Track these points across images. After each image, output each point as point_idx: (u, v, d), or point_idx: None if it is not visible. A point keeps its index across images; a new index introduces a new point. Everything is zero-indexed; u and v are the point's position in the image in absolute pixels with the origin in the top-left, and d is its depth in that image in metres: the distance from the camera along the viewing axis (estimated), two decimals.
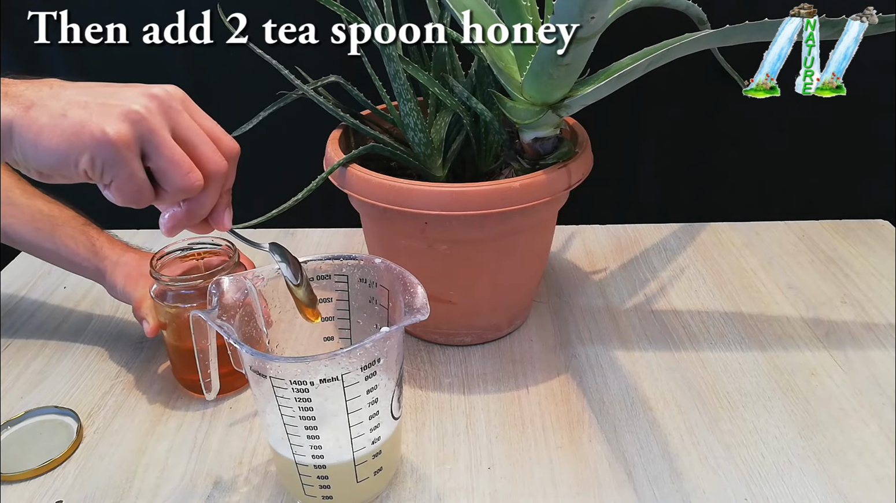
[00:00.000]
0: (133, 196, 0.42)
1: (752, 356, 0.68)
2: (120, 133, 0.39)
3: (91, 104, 0.40)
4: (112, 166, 0.40)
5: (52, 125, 0.39)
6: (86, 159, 0.40)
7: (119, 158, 0.40)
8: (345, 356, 0.45)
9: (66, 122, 0.39)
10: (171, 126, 0.42)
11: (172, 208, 0.45)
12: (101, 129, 0.39)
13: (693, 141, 0.92)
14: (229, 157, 0.45)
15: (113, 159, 0.40)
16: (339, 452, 0.49)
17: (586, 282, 0.80)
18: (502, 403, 0.63)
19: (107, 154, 0.39)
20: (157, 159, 0.41)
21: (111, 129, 0.39)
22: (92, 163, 0.40)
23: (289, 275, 0.50)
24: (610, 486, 0.54)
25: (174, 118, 0.42)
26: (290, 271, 0.50)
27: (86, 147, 0.39)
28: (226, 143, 0.45)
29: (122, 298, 0.66)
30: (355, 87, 0.70)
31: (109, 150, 0.39)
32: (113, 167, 0.40)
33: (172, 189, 0.42)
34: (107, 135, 0.39)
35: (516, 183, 0.58)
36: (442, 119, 0.68)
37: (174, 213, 0.45)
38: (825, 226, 0.90)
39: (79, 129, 0.39)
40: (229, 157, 0.45)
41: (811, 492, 0.53)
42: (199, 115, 0.44)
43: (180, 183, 0.42)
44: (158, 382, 0.66)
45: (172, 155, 0.41)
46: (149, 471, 0.57)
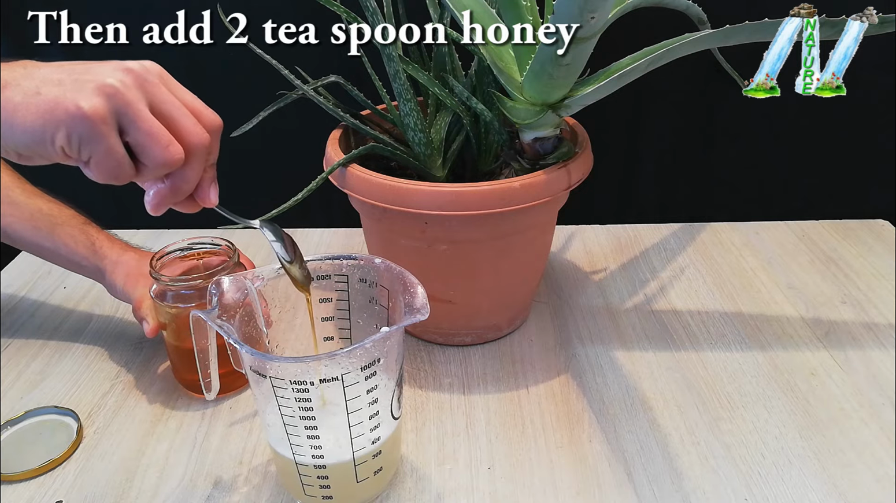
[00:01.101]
0: (113, 172, 0.41)
1: (752, 356, 0.68)
2: (94, 107, 0.39)
3: (65, 81, 0.39)
4: (89, 141, 0.39)
5: (26, 103, 0.39)
6: (62, 135, 0.39)
7: (95, 133, 0.39)
8: (345, 356, 0.45)
9: (39, 99, 0.39)
10: (148, 99, 0.41)
11: (156, 185, 0.44)
12: (76, 103, 0.39)
13: (693, 141, 0.92)
14: (211, 129, 0.44)
15: (89, 134, 0.39)
16: (339, 452, 0.49)
17: (586, 282, 0.80)
18: (502, 403, 0.63)
19: (82, 129, 0.39)
20: (134, 133, 0.40)
21: (85, 104, 0.39)
22: (68, 139, 0.39)
23: (282, 253, 0.49)
24: (610, 486, 0.54)
25: (151, 91, 0.41)
26: (283, 248, 0.49)
27: (61, 123, 0.39)
28: (207, 116, 0.44)
29: (122, 298, 0.66)
30: (355, 87, 0.70)
31: (85, 125, 0.39)
32: (90, 142, 0.39)
33: (152, 163, 0.41)
34: (81, 109, 0.39)
35: (516, 183, 0.58)
36: (442, 119, 0.68)
37: (158, 190, 0.44)
38: (825, 226, 0.90)
39: (53, 105, 0.39)
40: (211, 130, 0.44)
41: (811, 492, 0.53)
42: (177, 90, 0.43)
43: (160, 156, 0.41)
44: (158, 382, 0.66)
45: (150, 128, 0.41)
46: (149, 471, 0.57)
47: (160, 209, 0.45)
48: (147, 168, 0.42)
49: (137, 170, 0.42)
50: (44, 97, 0.39)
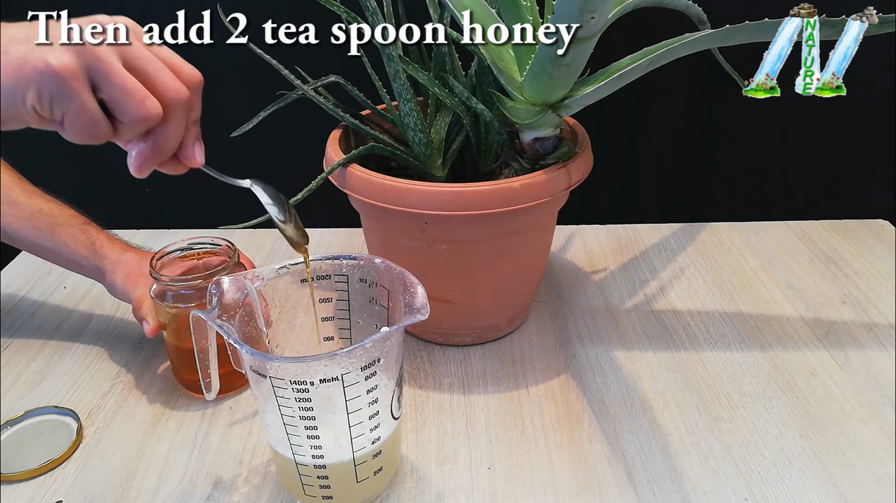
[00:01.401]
0: (88, 130, 0.40)
1: (752, 356, 0.68)
2: (63, 62, 0.38)
3: (33, 38, 0.38)
4: (60, 98, 0.38)
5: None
6: (32, 94, 0.38)
7: (66, 89, 0.38)
8: (345, 356, 0.45)
9: (7, 58, 0.38)
10: (121, 54, 0.39)
11: (138, 145, 0.43)
12: (44, 60, 0.37)
13: (693, 141, 0.92)
14: (191, 85, 0.43)
15: (59, 91, 0.38)
16: (339, 452, 0.49)
17: (586, 282, 0.80)
18: (502, 403, 0.63)
19: (52, 86, 0.38)
20: (107, 88, 0.39)
21: (54, 60, 0.37)
22: (39, 97, 0.38)
23: (275, 213, 0.48)
24: (610, 486, 0.54)
25: (123, 46, 0.40)
26: (276, 209, 0.48)
27: (30, 81, 0.38)
28: (186, 71, 0.43)
29: (122, 297, 0.66)
30: (355, 87, 0.70)
31: (54, 82, 0.38)
32: (61, 100, 0.38)
33: (128, 119, 0.40)
34: (50, 65, 0.37)
35: (516, 183, 0.58)
36: (442, 119, 0.68)
37: (140, 150, 0.42)
38: (825, 226, 0.90)
39: (21, 63, 0.38)
40: (191, 86, 0.42)
41: (811, 492, 0.53)
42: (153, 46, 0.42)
43: (135, 112, 0.40)
44: (158, 382, 0.66)
45: (124, 82, 0.39)
46: (149, 471, 0.57)
47: (143, 170, 0.43)
48: (124, 125, 0.41)
49: (115, 128, 0.41)
50: (12, 55, 0.38)
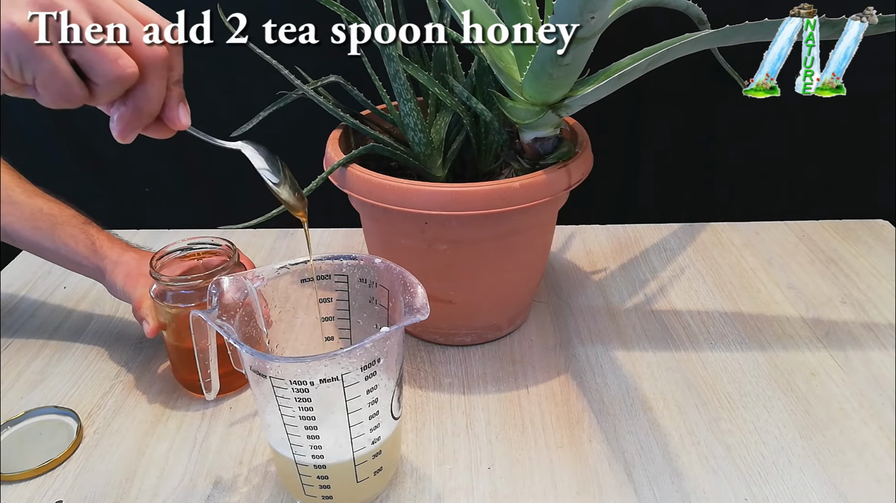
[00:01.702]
0: (61, 93, 0.38)
1: (752, 356, 0.68)
2: (29, 22, 0.36)
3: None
4: (29, 60, 0.37)
5: None
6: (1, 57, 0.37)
7: (34, 50, 0.37)
8: (345, 356, 0.45)
9: None
10: (92, 11, 0.38)
11: (119, 108, 0.41)
12: (9, 20, 0.36)
13: (693, 141, 0.92)
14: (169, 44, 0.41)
15: (27, 52, 0.37)
16: (339, 452, 0.49)
17: (586, 282, 0.80)
18: (502, 403, 0.63)
19: (20, 48, 0.36)
20: (78, 48, 0.37)
21: (18, 18, 0.36)
22: (7, 60, 0.37)
23: (268, 177, 0.46)
24: (610, 486, 0.54)
25: (93, 2, 0.38)
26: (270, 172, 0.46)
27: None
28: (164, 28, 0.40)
29: (122, 297, 0.66)
30: (355, 87, 0.70)
31: (21, 42, 0.36)
32: (30, 61, 0.37)
33: (103, 80, 0.38)
34: (14, 25, 0.36)
35: (516, 183, 0.58)
36: (442, 119, 0.68)
37: (121, 113, 0.41)
38: (825, 226, 0.90)
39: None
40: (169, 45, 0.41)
41: (811, 492, 0.53)
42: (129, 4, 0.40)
43: (109, 71, 0.38)
44: (158, 382, 0.66)
45: None
46: (149, 471, 0.57)
47: (126, 134, 0.42)
48: (99, 87, 0.39)
49: (91, 91, 0.39)
50: None
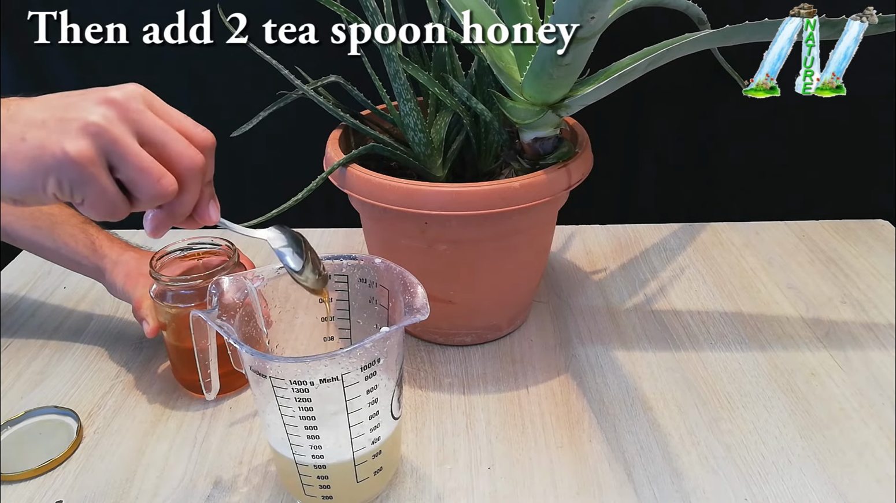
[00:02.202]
0: (107, 210, 0.40)
1: (752, 356, 0.68)
2: (81, 150, 0.38)
3: (49, 121, 0.38)
4: (79, 185, 0.39)
5: (13, 152, 0.38)
6: (52, 182, 0.38)
7: (85, 176, 0.38)
8: (345, 356, 0.45)
9: (25, 146, 0.38)
10: (135, 130, 0.40)
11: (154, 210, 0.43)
12: (62, 148, 0.38)
13: (693, 141, 0.92)
14: (204, 149, 0.42)
15: (79, 178, 0.38)
16: (339, 452, 0.49)
17: (586, 282, 0.80)
18: (502, 403, 0.63)
19: (72, 174, 0.38)
20: (124, 169, 0.39)
21: (71, 148, 0.38)
22: (59, 185, 0.38)
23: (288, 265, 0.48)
24: (610, 486, 0.54)
25: (137, 121, 0.40)
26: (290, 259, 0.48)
27: (50, 169, 0.38)
28: (198, 135, 0.42)
29: (122, 297, 0.66)
30: (355, 87, 0.70)
31: (73, 170, 0.38)
32: (81, 185, 0.39)
33: (145, 198, 0.40)
34: (68, 154, 0.37)
35: (516, 183, 0.58)
36: (442, 119, 0.68)
37: (156, 215, 0.43)
38: (825, 226, 0.90)
39: (39, 151, 0.38)
40: (204, 150, 0.42)
41: (811, 492, 0.53)
42: (164, 112, 0.42)
43: (152, 191, 0.40)
44: (158, 382, 0.66)
45: (140, 162, 0.39)
46: (149, 471, 0.56)
47: (159, 233, 0.44)
48: (141, 202, 0.41)
49: (132, 203, 0.41)
50: (29, 144, 0.38)
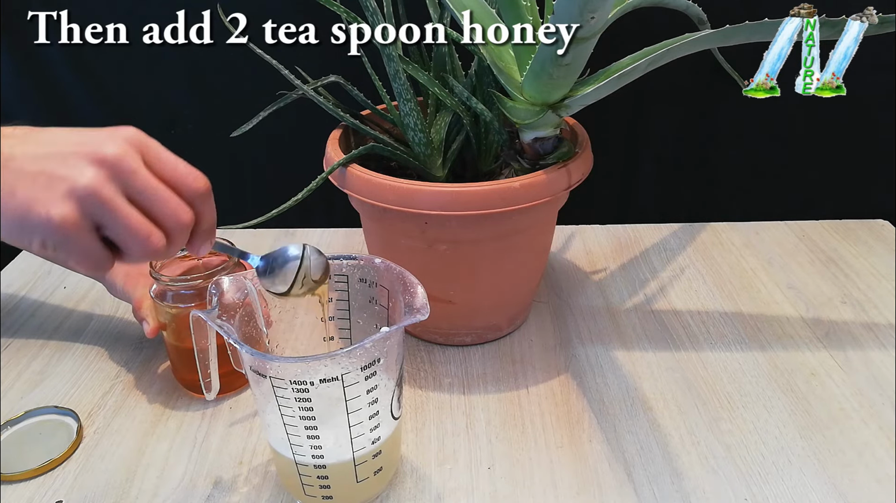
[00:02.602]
0: (93, 267, 0.41)
1: (752, 356, 0.68)
2: (65, 216, 0.38)
3: (39, 178, 0.38)
4: (63, 247, 0.39)
5: (5, 205, 0.38)
6: (37, 241, 0.39)
7: (68, 240, 0.39)
8: (345, 356, 0.45)
9: (14, 202, 0.38)
10: (125, 190, 0.40)
11: None
12: (47, 212, 0.38)
13: (693, 141, 0.92)
14: (197, 197, 0.42)
15: (62, 241, 0.39)
16: (339, 452, 0.49)
17: (586, 282, 0.80)
18: (502, 403, 0.63)
19: (56, 237, 0.38)
20: (112, 229, 0.40)
21: (56, 213, 0.38)
22: (43, 245, 0.39)
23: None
24: (610, 486, 0.54)
25: (127, 181, 0.39)
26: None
27: (34, 230, 0.38)
28: (191, 184, 0.42)
29: (122, 297, 0.66)
30: (355, 87, 0.70)
31: (57, 234, 0.38)
32: (64, 247, 0.39)
33: (133, 255, 0.41)
34: (52, 220, 0.38)
35: (516, 183, 0.58)
36: (442, 119, 0.68)
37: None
38: (825, 226, 0.90)
39: (26, 211, 0.38)
40: (197, 198, 0.42)
41: (811, 492, 0.53)
42: (158, 160, 0.41)
43: (140, 249, 0.40)
44: (158, 382, 0.66)
45: (128, 223, 0.39)
46: (149, 471, 0.57)
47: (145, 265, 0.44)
48: (129, 258, 0.41)
49: (120, 257, 0.42)
50: (18, 200, 0.38)
